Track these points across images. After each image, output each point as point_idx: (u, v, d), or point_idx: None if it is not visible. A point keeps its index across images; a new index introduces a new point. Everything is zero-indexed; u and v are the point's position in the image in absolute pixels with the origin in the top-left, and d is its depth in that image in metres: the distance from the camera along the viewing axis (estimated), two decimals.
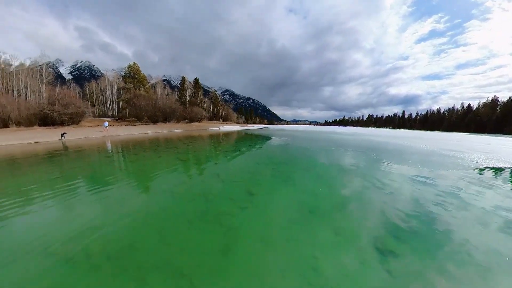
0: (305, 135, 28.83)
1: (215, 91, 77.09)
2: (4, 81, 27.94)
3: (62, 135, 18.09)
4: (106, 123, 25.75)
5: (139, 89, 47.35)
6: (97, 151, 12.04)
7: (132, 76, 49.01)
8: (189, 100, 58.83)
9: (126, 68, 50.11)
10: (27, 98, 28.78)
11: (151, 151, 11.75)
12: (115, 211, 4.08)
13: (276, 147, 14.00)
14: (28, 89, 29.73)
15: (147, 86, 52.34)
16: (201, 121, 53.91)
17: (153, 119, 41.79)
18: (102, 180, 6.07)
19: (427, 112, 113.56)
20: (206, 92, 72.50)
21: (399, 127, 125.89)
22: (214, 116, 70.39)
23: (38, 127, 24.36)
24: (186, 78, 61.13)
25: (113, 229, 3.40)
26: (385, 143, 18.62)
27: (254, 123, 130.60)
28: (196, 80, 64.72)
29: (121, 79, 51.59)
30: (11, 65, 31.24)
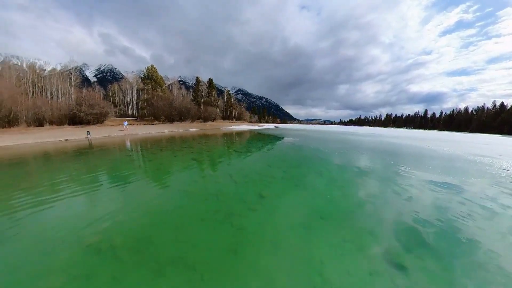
0: (319, 135, 28.18)
1: (229, 90, 78.17)
2: (39, 85, 30.81)
3: (87, 133, 19.79)
4: (126, 123, 27.41)
5: (156, 90, 49.49)
6: (118, 149, 12.91)
7: (150, 77, 51.31)
8: (203, 100, 60.29)
9: (145, 70, 52.59)
10: (58, 100, 31.44)
11: (168, 150, 12.33)
12: (135, 207, 4.43)
13: (288, 149, 13.85)
14: (59, 92, 32.50)
15: (164, 87, 54.52)
16: (215, 120, 55.02)
17: (170, 119, 43.50)
18: (123, 177, 6.56)
19: (453, 111, 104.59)
20: (220, 92, 73.78)
21: (420, 128, 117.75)
22: (227, 116, 71.46)
23: (68, 126, 26.53)
24: (200, 79, 62.70)
25: (133, 223, 3.72)
26: (404, 145, 17.60)
27: (267, 122, 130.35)
28: (210, 81, 66.15)
29: (140, 80, 54.28)
30: (45, 70, 34.40)
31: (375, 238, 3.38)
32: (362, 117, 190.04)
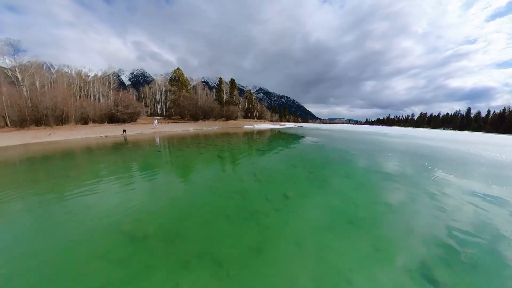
0: (343, 135, 26.78)
1: (250, 90, 78.96)
2: (85, 89, 34.97)
3: (123, 131, 21.92)
4: (156, 121, 29.61)
5: (182, 91, 52.30)
6: (149, 145, 13.97)
7: (177, 79, 54.41)
8: (226, 99, 61.87)
9: (172, 73, 55.97)
10: (99, 101, 35.23)
11: (193, 147, 12.97)
12: (165, 199, 4.75)
13: (312, 149, 13.43)
14: (100, 94, 36.47)
15: (189, 87, 57.38)
16: (237, 119, 56.09)
17: (194, 117, 45.63)
18: (155, 171, 7.10)
19: (504, 109, 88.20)
20: (241, 91, 74.94)
21: (461, 129, 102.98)
22: (248, 114, 72.28)
23: (107, 124, 29.60)
24: (222, 79, 64.43)
25: (163, 215, 3.99)
26: (442, 148, 15.76)
27: (288, 121, 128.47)
28: (232, 80, 67.59)
29: (168, 82, 57.90)
30: (89, 76, 39.02)
31: (408, 248, 3.11)
32: (392, 116, 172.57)
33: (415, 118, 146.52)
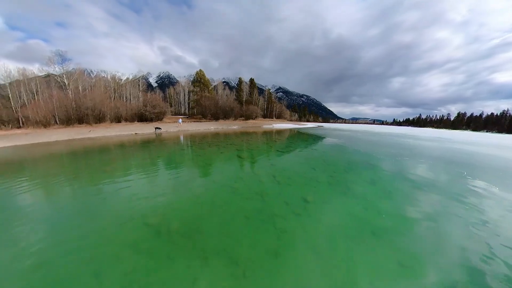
0: (368, 137, 24.93)
1: (269, 89, 78.71)
2: (118, 91, 38.43)
3: (156, 128, 24.16)
4: (180, 120, 31.32)
5: (204, 91, 54.30)
6: (173, 143, 14.80)
7: (199, 80, 56.67)
8: (245, 99, 62.60)
9: (194, 75, 58.51)
10: (130, 102, 38.33)
11: (214, 146, 13.39)
12: (188, 197, 4.98)
13: (334, 151, 12.81)
14: (131, 96, 39.62)
15: (210, 88, 59.31)
16: (256, 118, 56.42)
17: (215, 117, 47.08)
18: (179, 168, 7.50)
19: None
20: (261, 91, 75.08)
21: (509, 132, 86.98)
22: (268, 114, 72.18)
23: (137, 122, 32.12)
24: (242, 79, 65.25)
25: (186, 212, 4.18)
26: (486, 155, 13.43)
27: (308, 121, 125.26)
28: (251, 80, 68.08)
29: (191, 83, 60.63)
30: (121, 79, 42.84)
31: (438, 268, 2.81)
32: (423, 117, 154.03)
33: (452, 118, 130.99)
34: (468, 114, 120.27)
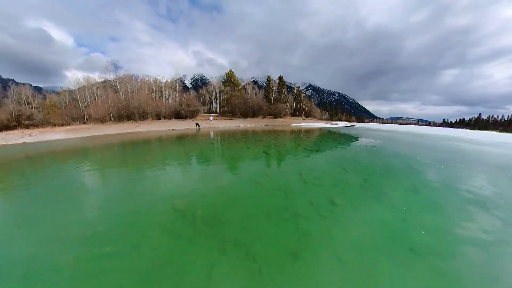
0: (411, 139, 21.43)
1: (298, 87, 76.54)
2: (159, 92, 43.09)
3: (196, 124, 26.61)
4: (211, 118, 33.19)
5: (234, 91, 56.04)
6: (205, 139, 15.78)
7: (229, 80, 58.72)
8: (274, 97, 62.30)
9: (225, 75, 60.92)
10: (169, 102, 42.28)
11: (242, 142, 13.76)
12: (213, 187, 5.25)
13: (369, 152, 11.48)
14: (169, 96, 43.91)
15: (240, 87, 60.87)
16: (284, 116, 55.71)
17: (244, 115, 48.20)
18: (207, 160, 8.02)
19: None
20: (290, 89, 73.62)
21: None
22: (296, 112, 70.46)
23: (174, 119, 35.17)
24: (271, 78, 64.99)
25: (210, 201, 4.39)
26: None
27: (340, 120, 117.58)
28: (280, 78, 67.24)
29: (221, 84, 63.30)
30: (162, 82, 47.66)
31: None
32: (483, 117, 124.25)
33: None
34: None
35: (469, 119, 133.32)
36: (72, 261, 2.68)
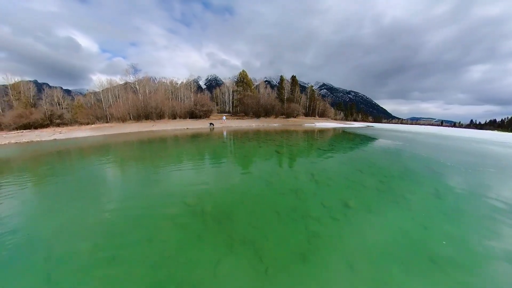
0: (434, 140, 19.76)
1: (312, 86, 74.94)
2: (174, 93, 44.85)
3: (210, 124, 27.45)
4: (224, 117, 33.77)
5: (247, 91, 56.38)
6: (218, 137, 16.10)
7: (242, 80, 59.22)
8: (287, 97, 61.67)
9: (238, 75, 61.53)
10: (184, 102, 43.75)
11: (254, 141, 13.80)
12: (223, 184, 5.32)
13: (387, 153, 10.78)
14: (184, 96, 45.47)
15: (252, 87, 61.15)
16: (297, 116, 54.95)
17: (257, 114, 48.32)
18: (219, 158, 8.19)
19: None
20: (303, 88, 72.38)
21: None
22: (310, 112, 69.10)
23: (189, 119, 36.32)
24: (284, 77, 64.39)
25: (220, 198, 4.45)
26: None
27: (355, 120, 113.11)
28: (293, 78, 66.33)
29: (234, 84, 64.01)
30: (177, 83, 49.61)
31: None
32: None
33: None
34: None
35: (501, 119, 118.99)
36: (90, 248, 2.86)
